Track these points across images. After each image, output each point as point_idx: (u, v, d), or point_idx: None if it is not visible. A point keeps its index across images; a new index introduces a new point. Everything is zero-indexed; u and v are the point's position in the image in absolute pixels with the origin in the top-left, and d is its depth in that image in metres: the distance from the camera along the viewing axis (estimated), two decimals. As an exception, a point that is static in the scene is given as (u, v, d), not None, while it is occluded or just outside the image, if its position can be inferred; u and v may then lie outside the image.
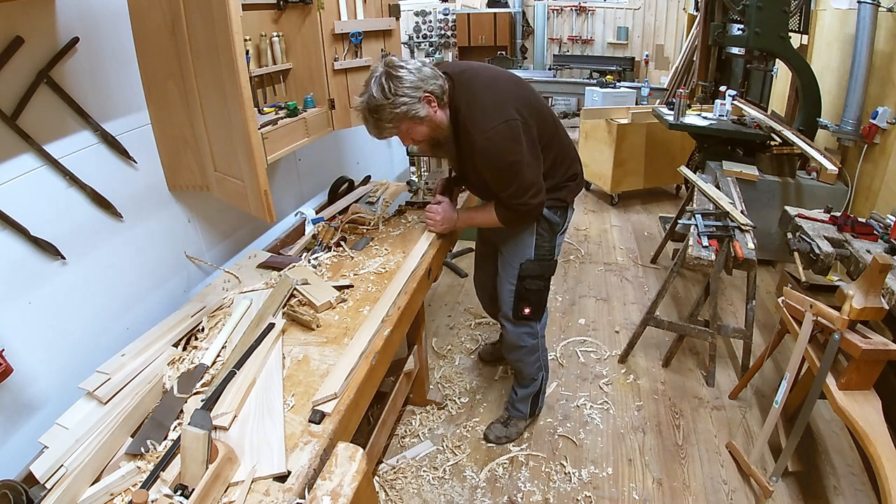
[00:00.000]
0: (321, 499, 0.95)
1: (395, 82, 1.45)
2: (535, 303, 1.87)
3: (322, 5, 1.89)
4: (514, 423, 2.10)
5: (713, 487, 1.87)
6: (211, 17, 1.29)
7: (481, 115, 1.52)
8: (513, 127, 1.51)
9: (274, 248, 1.96)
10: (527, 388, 2.06)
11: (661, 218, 4.05)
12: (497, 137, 1.50)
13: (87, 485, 1.03)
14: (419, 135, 1.58)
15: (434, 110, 1.53)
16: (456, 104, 1.56)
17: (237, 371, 1.22)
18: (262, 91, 1.92)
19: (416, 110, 1.49)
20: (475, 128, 1.52)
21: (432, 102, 1.52)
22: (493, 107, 1.53)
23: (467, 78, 1.59)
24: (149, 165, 1.57)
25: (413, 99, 1.47)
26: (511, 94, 1.58)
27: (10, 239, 1.19)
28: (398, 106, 1.46)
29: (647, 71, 7.17)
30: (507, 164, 1.54)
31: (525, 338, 1.94)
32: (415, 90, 1.47)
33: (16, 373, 1.15)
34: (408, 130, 1.55)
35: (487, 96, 1.55)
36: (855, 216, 2.13)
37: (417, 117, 1.50)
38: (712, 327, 2.31)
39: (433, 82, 1.51)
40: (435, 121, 1.55)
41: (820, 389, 1.63)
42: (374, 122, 1.53)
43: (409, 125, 1.53)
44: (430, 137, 1.62)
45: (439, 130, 1.59)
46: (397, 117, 1.49)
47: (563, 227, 1.85)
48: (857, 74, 2.89)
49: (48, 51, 1.23)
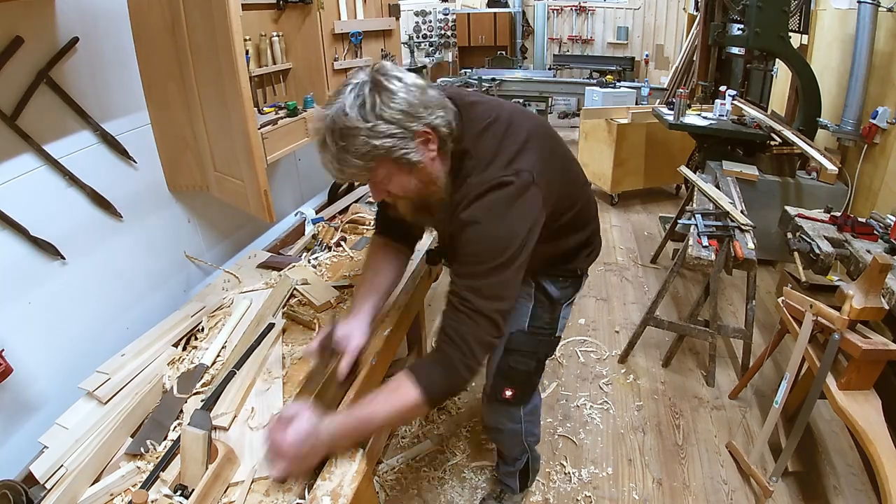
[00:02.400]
0: (321, 499, 0.95)
1: (384, 97, 0.94)
2: (520, 385, 1.44)
3: (322, 5, 1.89)
4: (508, 499, 1.79)
5: (713, 487, 1.87)
6: (211, 17, 1.29)
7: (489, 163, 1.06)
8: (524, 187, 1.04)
9: (274, 248, 1.96)
10: (510, 467, 1.74)
11: (661, 218, 4.04)
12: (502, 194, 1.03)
13: (87, 485, 1.03)
14: (400, 188, 1.04)
15: (432, 156, 1.01)
16: (464, 144, 1.07)
17: (237, 371, 1.22)
18: (262, 91, 1.92)
19: (407, 151, 0.96)
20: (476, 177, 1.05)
21: (431, 143, 1.00)
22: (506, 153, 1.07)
23: (479, 111, 1.11)
24: (149, 165, 1.57)
25: (404, 131, 0.95)
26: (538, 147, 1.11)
27: (9, 239, 1.19)
28: (379, 136, 0.93)
29: (647, 71, 7.17)
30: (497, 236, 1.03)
31: (503, 421, 1.56)
32: (410, 118, 0.95)
33: (16, 373, 1.15)
34: (385, 178, 1.01)
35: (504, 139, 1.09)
36: (855, 216, 2.13)
37: (405, 161, 0.97)
38: (712, 327, 2.31)
39: (439, 113, 1.00)
40: (430, 173, 1.03)
41: (820, 389, 1.63)
42: (336, 152, 0.95)
43: (390, 171, 1.00)
44: (417, 196, 1.07)
45: (432, 188, 1.06)
46: (373, 154, 0.95)
47: (570, 299, 1.44)
48: (857, 74, 2.88)
49: (48, 51, 1.23)
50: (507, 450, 1.69)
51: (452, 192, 1.07)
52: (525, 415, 1.55)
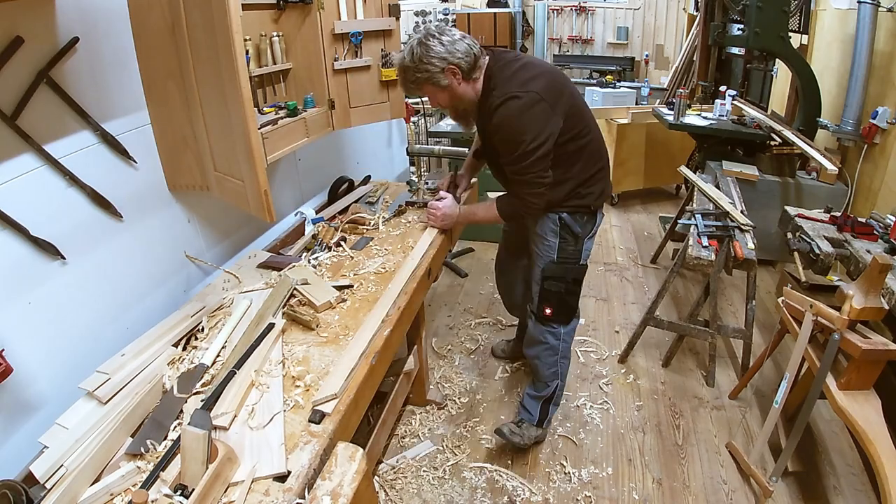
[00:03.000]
0: (321, 499, 0.95)
1: (424, 50, 1.57)
2: (556, 305, 1.87)
3: (322, 5, 1.89)
4: (525, 427, 1.99)
5: (713, 487, 1.87)
6: (211, 17, 1.29)
7: (507, 82, 1.60)
8: (531, 99, 1.56)
9: (274, 248, 1.96)
10: (538, 392, 2.00)
11: (661, 218, 4.05)
12: (513, 104, 1.56)
13: (87, 485, 1.03)
14: (441, 100, 1.69)
15: (458, 82, 1.63)
16: (490, 72, 1.65)
17: (237, 371, 1.22)
18: (262, 91, 1.92)
19: (437, 79, 1.60)
20: (498, 90, 1.60)
21: (457, 75, 1.61)
22: (522, 78, 1.60)
23: (507, 56, 1.69)
24: (149, 165, 1.57)
25: (437, 68, 1.58)
26: (545, 75, 1.63)
27: (10, 239, 1.19)
28: (421, 71, 1.59)
29: (647, 71, 7.17)
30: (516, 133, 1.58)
31: (546, 335, 1.93)
32: (440, 61, 1.57)
33: (16, 373, 1.15)
34: (430, 94, 1.67)
35: (521, 70, 1.63)
36: (855, 216, 2.13)
37: (438, 85, 1.62)
38: (712, 327, 2.31)
39: (462, 57, 1.59)
40: (456, 91, 1.64)
41: (820, 389, 1.63)
42: (401, 80, 1.68)
43: (431, 90, 1.65)
44: (451, 105, 1.70)
45: (460, 101, 1.68)
46: (419, 81, 1.62)
47: (590, 233, 1.83)
48: (857, 74, 2.88)
49: (48, 51, 1.23)
50: (543, 368, 1.97)
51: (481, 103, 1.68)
52: (564, 333, 1.94)
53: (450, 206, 1.90)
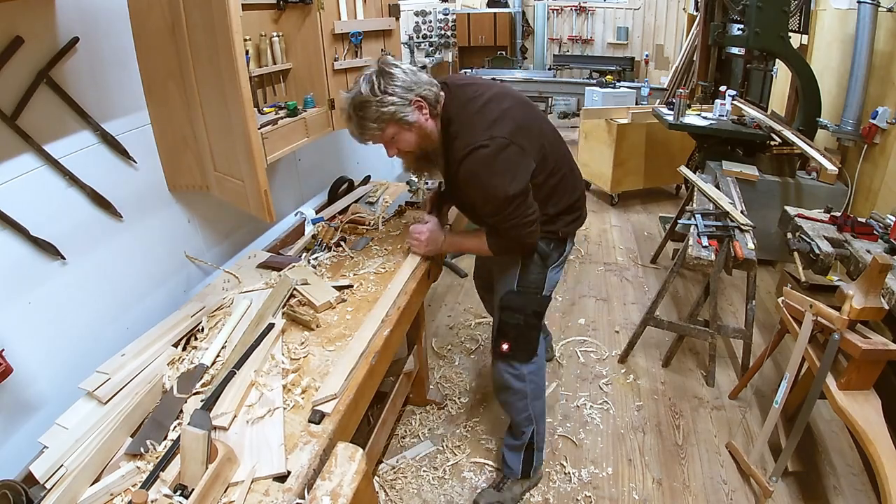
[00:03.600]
0: (321, 499, 0.95)
1: (387, 79, 1.36)
2: (514, 340, 1.66)
3: (322, 5, 1.89)
4: (508, 487, 1.81)
5: (713, 487, 1.87)
6: (211, 17, 1.29)
7: (470, 129, 1.40)
8: (500, 146, 1.37)
9: (274, 248, 1.96)
10: (516, 440, 1.81)
11: (661, 218, 4.05)
12: (480, 155, 1.37)
13: (86, 485, 1.03)
14: (405, 143, 1.44)
15: (425, 117, 1.42)
16: (448, 114, 1.45)
17: (237, 371, 1.22)
18: (262, 91, 1.92)
19: (405, 114, 1.38)
20: (460, 140, 1.41)
21: (423, 108, 1.41)
22: (486, 122, 1.40)
23: (467, 91, 1.49)
24: (149, 165, 1.57)
25: (403, 101, 1.37)
26: (511, 114, 1.44)
27: (10, 239, 1.19)
28: (385, 105, 1.36)
29: (647, 71, 7.17)
30: (489, 187, 1.40)
31: (509, 378, 1.71)
32: (406, 91, 1.37)
33: (16, 373, 1.15)
34: (393, 136, 1.43)
35: (484, 110, 1.43)
36: (855, 216, 2.13)
37: (405, 122, 1.39)
38: (712, 327, 2.31)
39: (427, 87, 1.41)
40: (424, 129, 1.43)
41: (820, 389, 1.63)
42: (357, 120, 1.40)
43: (396, 130, 1.41)
44: (418, 148, 1.47)
45: (428, 141, 1.46)
46: (383, 118, 1.37)
47: (556, 261, 1.65)
48: (857, 74, 2.89)
49: (48, 51, 1.23)
50: (514, 413, 1.78)
51: (445, 146, 1.48)
52: (528, 373, 1.71)
53: (434, 229, 1.66)
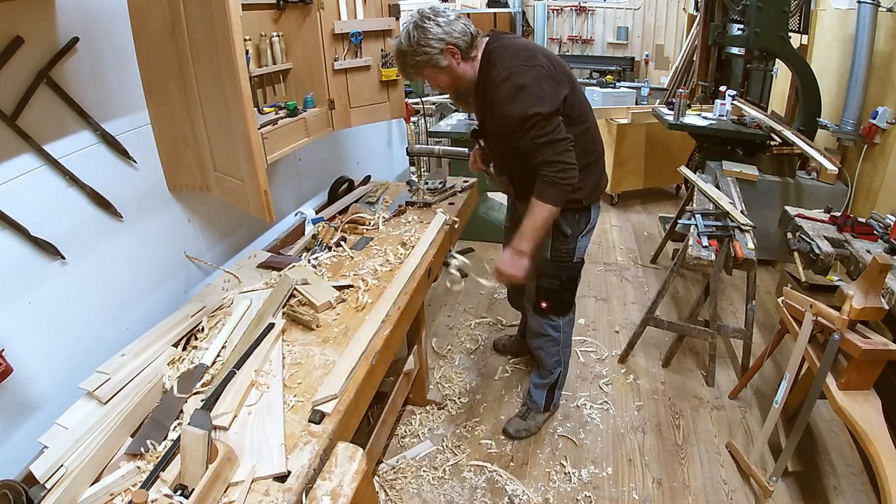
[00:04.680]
0: (321, 499, 0.95)
1: (420, 33, 1.55)
2: (552, 299, 1.90)
3: (322, 5, 1.89)
4: (532, 416, 2.11)
5: (713, 487, 1.87)
6: (211, 17, 1.29)
7: (509, 56, 1.58)
8: (538, 72, 1.54)
9: (274, 248, 1.96)
10: (543, 379, 2.09)
11: (661, 218, 4.04)
12: (519, 73, 1.53)
13: (86, 485, 1.03)
14: (441, 82, 1.66)
15: (457, 62, 1.60)
16: (491, 55, 1.61)
17: (237, 371, 1.22)
18: (262, 91, 1.92)
19: (437, 60, 1.57)
20: (500, 64, 1.57)
21: (455, 55, 1.59)
22: (524, 53, 1.58)
23: (511, 38, 1.67)
24: (149, 165, 1.57)
25: (435, 49, 1.55)
26: (552, 59, 1.62)
27: (10, 239, 1.19)
28: (419, 54, 1.57)
29: (647, 71, 7.17)
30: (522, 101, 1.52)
31: (546, 327, 1.98)
32: (438, 41, 1.55)
33: (16, 373, 1.15)
34: (430, 76, 1.65)
35: (525, 49, 1.61)
36: (855, 216, 2.13)
37: (438, 66, 1.59)
38: (712, 327, 2.31)
39: (459, 36, 1.57)
40: (456, 72, 1.62)
41: (820, 389, 1.63)
42: (400, 65, 1.67)
43: (431, 72, 1.62)
44: (452, 86, 1.68)
45: (460, 81, 1.65)
46: (419, 64, 1.60)
47: (583, 230, 1.82)
48: (857, 74, 2.88)
49: (48, 51, 1.23)
50: (546, 357, 2.03)
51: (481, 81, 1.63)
52: (563, 324, 1.98)
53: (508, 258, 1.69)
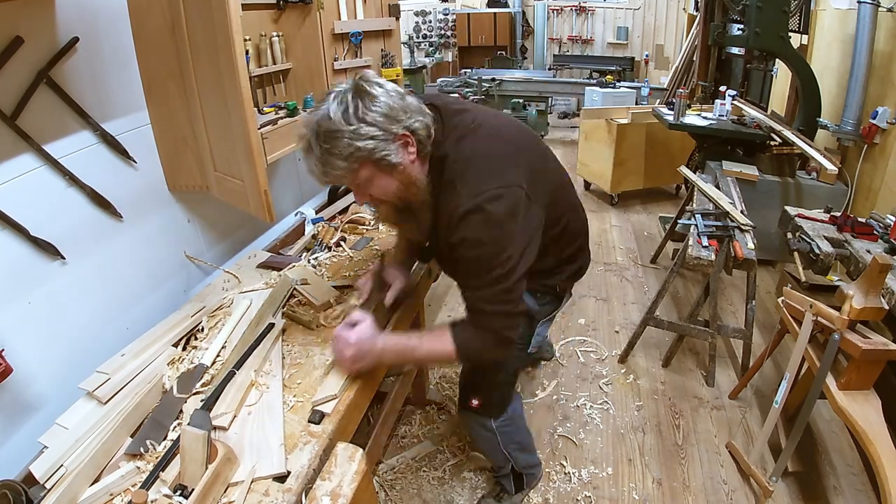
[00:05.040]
0: (321, 499, 0.95)
1: (366, 102, 1.01)
2: (485, 395, 1.48)
3: (322, 5, 1.89)
4: (506, 498, 1.78)
5: (713, 487, 1.87)
6: (211, 17, 1.29)
7: (475, 172, 1.09)
8: (515, 197, 1.09)
9: (274, 248, 1.96)
10: (499, 473, 1.77)
11: (661, 218, 4.04)
12: (491, 205, 1.06)
13: (86, 485, 1.03)
14: (382, 190, 1.09)
15: (411, 158, 1.08)
16: (443, 150, 1.12)
17: (237, 371, 1.22)
18: (262, 91, 1.92)
19: (388, 152, 1.03)
20: (463, 187, 1.08)
21: (410, 146, 1.07)
22: (494, 167, 1.11)
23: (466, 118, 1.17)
24: (149, 165, 1.57)
25: (385, 134, 1.02)
26: (521, 153, 1.18)
27: (9, 239, 1.19)
28: (362, 138, 1.00)
29: (647, 71, 7.18)
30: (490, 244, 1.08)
31: (475, 428, 1.57)
32: (391, 122, 1.02)
33: (16, 373, 1.15)
34: (368, 181, 1.07)
35: (490, 146, 1.14)
36: (855, 216, 2.12)
37: (386, 163, 1.03)
38: (712, 327, 2.31)
39: (418, 118, 1.06)
40: (409, 174, 1.09)
41: (820, 389, 1.63)
42: (320, 154, 1.02)
43: (372, 172, 1.05)
44: (397, 197, 1.12)
45: (412, 189, 1.11)
46: (356, 156, 1.01)
47: (547, 316, 1.47)
48: (857, 74, 2.88)
49: (48, 51, 1.23)
50: (490, 456, 1.73)
51: (435, 195, 1.14)
52: (498, 427, 1.55)
53: (364, 338, 1.16)
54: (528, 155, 1.20)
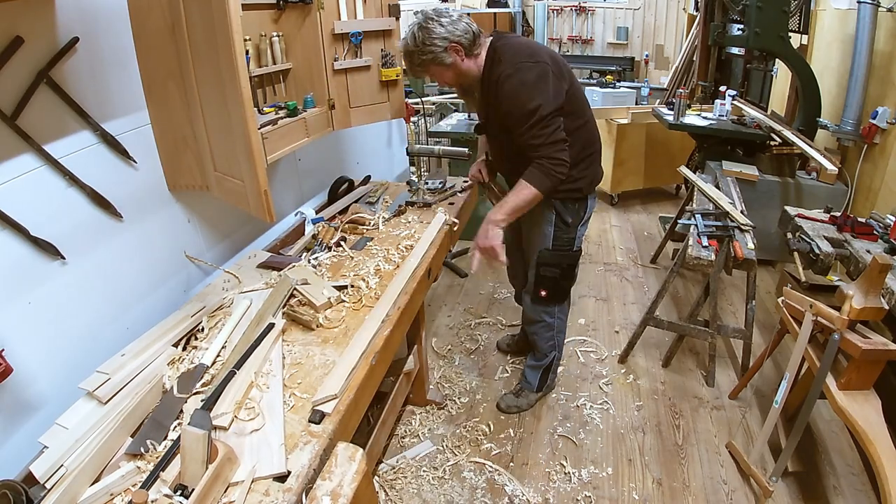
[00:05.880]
0: (321, 499, 0.95)
1: (425, 33, 1.64)
2: (551, 288, 1.99)
3: (322, 5, 1.89)
4: (524, 395, 2.23)
5: (713, 487, 1.87)
6: (211, 17, 1.29)
7: (514, 53, 1.67)
8: (542, 68, 1.63)
9: (274, 248, 1.96)
10: (539, 361, 2.19)
11: (661, 218, 4.05)
12: (524, 70, 1.62)
13: (86, 485, 1.03)
14: (446, 79, 1.77)
15: (461, 59, 1.69)
16: (493, 47, 1.72)
17: (237, 371, 1.22)
18: (262, 91, 1.92)
19: (442, 58, 1.67)
20: (505, 60, 1.66)
21: (459, 52, 1.68)
22: (528, 51, 1.68)
23: (514, 36, 1.78)
24: (149, 165, 1.57)
25: (440, 48, 1.65)
26: (553, 55, 1.71)
27: (9, 239, 1.19)
28: (425, 53, 1.66)
29: (647, 71, 7.17)
30: (531, 94, 1.62)
31: (542, 314, 2.08)
32: (442, 40, 1.64)
33: (16, 373, 1.15)
34: (436, 73, 1.74)
35: (526, 45, 1.72)
36: (855, 216, 2.13)
37: (443, 63, 1.68)
38: (712, 327, 2.31)
39: (462, 35, 1.67)
40: (460, 68, 1.71)
41: (820, 389, 1.63)
42: (408, 64, 1.77)
43: (437, 69, 1.72)
44: (457, 82, 1.78)
45: (464, 77, 1.75)
46: (425, 62, 1.69)
47: (582, 219, 1.92)
48: (856, 74, 2.89)
49: (48, 51, 1.23)
50: (541, 342, 2.14)
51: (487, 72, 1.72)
52: (558, 312, 2.09)
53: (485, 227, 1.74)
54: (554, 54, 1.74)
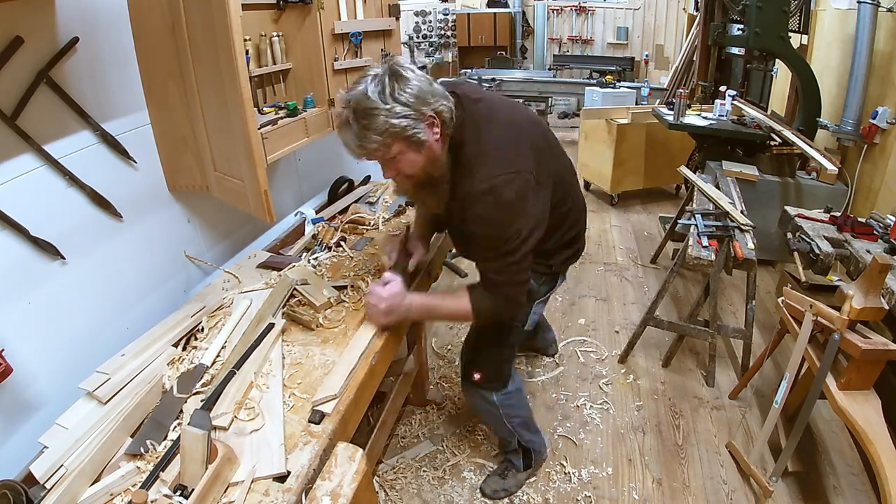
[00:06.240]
0: (321, 499, 0.95)
1: (401, 84, 1.12)
2: (487, 370, 1.62)
3: (322, 5, 1.89)
4: (511, 475, 1.86)
5: (713, 487, 1.87)
6: (211, 17, 1.29)
7: (489, 157, 1.23)
8: (524, 181, 1.22)
9: (274, 248, 1.96)
10: (506, 448, 1.87)
11: (661, 218, 4.04)
12: (500, 188, 1.20)
13: (86, 485, 1.03)
14: (409, 165, 1.20)
15: (436, 138, 1.20)
16: (461, 136, 1.25)
17: (237, 371, 1.22)
18: (262, 91, 1.92)
19: (417, 131, 1.14)
20: (478, 170, 1.22)
21: (435, 127, 1.19)
22: (507, 150, 1.24)
23: (480, 108, 1.29)
24: (149, 165, 1.57)
25: (416, 114, 1.13)
26: (530, 141, 1.31)
27: (9, 239, 1.19)
28: (396, 116, 1.11)
29: (647, 71, 7.18)
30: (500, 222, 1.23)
31: (480, 404, 1.70)
32: (421, 103, 1.14)
33: (16, 373, 1.15)
34: (397, 156, 1.18)
35: (503, 135, 1.27)
36: (855, 216, 2.12)
37: (416, 140, 1.15)
38: (712, 327, 2.31)
39: (443, 102, 1.19)
40: (434, 152, 1.21)
41: (820, 389, 1.63)
42: (358, 129, 1.13)
43: (402, 148, 1.17)
44: (422, 172, 1.24)
45: (435, 166, 1.24)
46: (391, 132, 1.12)
47: (543, 296, 1.60)
48: (857, 74, 2.88)
49: (48, 51, 1.23)
50: (495, 430, 1.87)
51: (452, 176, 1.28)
52: (499, 401, 1.67)
53: (396, 294, 1.35)
54: (536, 141, 1.33)
